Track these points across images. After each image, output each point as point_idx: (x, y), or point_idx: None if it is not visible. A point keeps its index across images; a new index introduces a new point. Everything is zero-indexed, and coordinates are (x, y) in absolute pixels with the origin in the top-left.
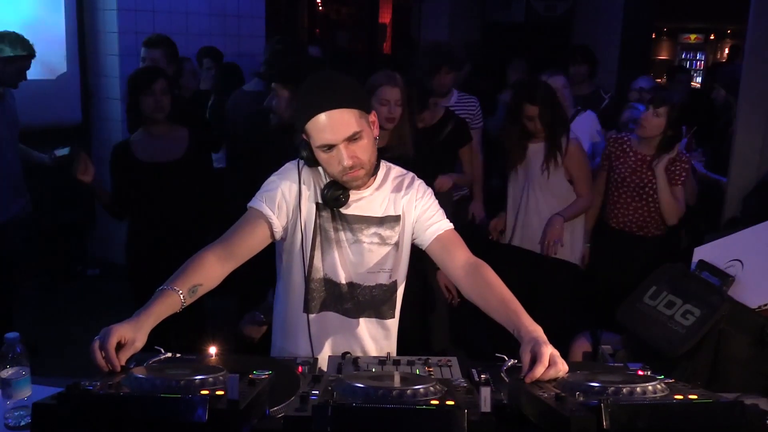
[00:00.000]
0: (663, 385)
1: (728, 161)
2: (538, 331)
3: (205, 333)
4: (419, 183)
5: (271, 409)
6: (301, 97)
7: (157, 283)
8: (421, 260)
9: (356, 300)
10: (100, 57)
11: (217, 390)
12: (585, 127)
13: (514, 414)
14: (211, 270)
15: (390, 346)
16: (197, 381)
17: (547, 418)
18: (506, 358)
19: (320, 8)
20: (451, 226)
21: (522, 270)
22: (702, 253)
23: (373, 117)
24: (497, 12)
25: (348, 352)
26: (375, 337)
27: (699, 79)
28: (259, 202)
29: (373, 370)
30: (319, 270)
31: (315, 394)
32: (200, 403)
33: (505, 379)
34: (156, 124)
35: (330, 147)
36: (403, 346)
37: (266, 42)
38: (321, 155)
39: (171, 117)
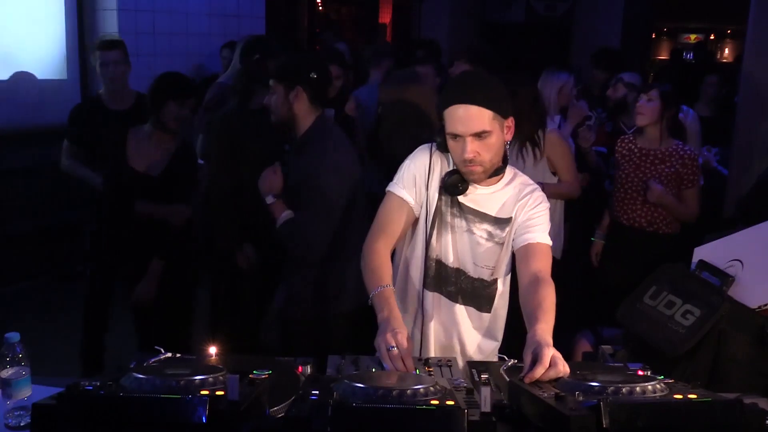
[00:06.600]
0: (663, 384)
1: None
2: (544, 335)
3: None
4: (539, 194)
5: (271, 409)
6: (447, 86)
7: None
8: None
9: (459, 286)
10: None
11: (217, 390)
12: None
13: (514, 414)
14: (389, 262)
15: (489, 341)
16: (197, 381)
17: (547, 418)
18: (506, 358)
19: (320, 8)
20: (547, 241)
21: None
22: (702, 253)
23: (509, 123)
24: (497, 12)
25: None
26: (475, 328)
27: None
28: (398, 187)
29: (373, 369)
30: (434, 249)
31: (315, 394)
32: (200, 403)
33: (505, 378)
34: (157, 132)
35: (457, 136)
36: None
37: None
38: (449, 142)
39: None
